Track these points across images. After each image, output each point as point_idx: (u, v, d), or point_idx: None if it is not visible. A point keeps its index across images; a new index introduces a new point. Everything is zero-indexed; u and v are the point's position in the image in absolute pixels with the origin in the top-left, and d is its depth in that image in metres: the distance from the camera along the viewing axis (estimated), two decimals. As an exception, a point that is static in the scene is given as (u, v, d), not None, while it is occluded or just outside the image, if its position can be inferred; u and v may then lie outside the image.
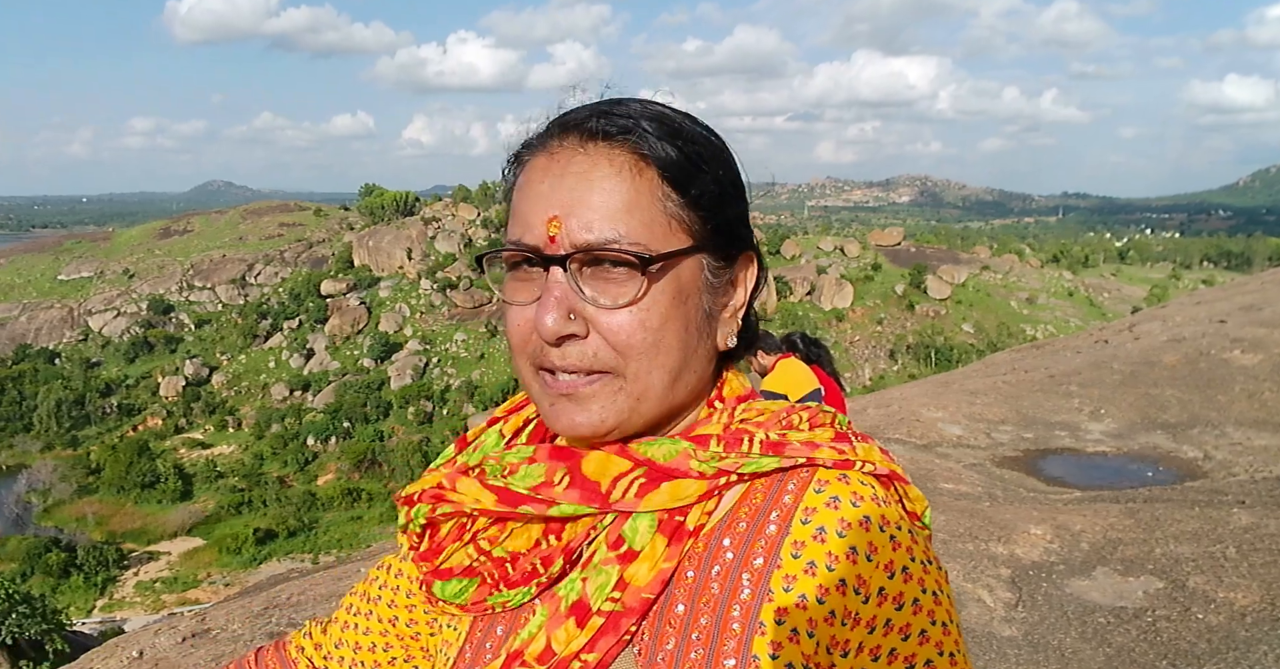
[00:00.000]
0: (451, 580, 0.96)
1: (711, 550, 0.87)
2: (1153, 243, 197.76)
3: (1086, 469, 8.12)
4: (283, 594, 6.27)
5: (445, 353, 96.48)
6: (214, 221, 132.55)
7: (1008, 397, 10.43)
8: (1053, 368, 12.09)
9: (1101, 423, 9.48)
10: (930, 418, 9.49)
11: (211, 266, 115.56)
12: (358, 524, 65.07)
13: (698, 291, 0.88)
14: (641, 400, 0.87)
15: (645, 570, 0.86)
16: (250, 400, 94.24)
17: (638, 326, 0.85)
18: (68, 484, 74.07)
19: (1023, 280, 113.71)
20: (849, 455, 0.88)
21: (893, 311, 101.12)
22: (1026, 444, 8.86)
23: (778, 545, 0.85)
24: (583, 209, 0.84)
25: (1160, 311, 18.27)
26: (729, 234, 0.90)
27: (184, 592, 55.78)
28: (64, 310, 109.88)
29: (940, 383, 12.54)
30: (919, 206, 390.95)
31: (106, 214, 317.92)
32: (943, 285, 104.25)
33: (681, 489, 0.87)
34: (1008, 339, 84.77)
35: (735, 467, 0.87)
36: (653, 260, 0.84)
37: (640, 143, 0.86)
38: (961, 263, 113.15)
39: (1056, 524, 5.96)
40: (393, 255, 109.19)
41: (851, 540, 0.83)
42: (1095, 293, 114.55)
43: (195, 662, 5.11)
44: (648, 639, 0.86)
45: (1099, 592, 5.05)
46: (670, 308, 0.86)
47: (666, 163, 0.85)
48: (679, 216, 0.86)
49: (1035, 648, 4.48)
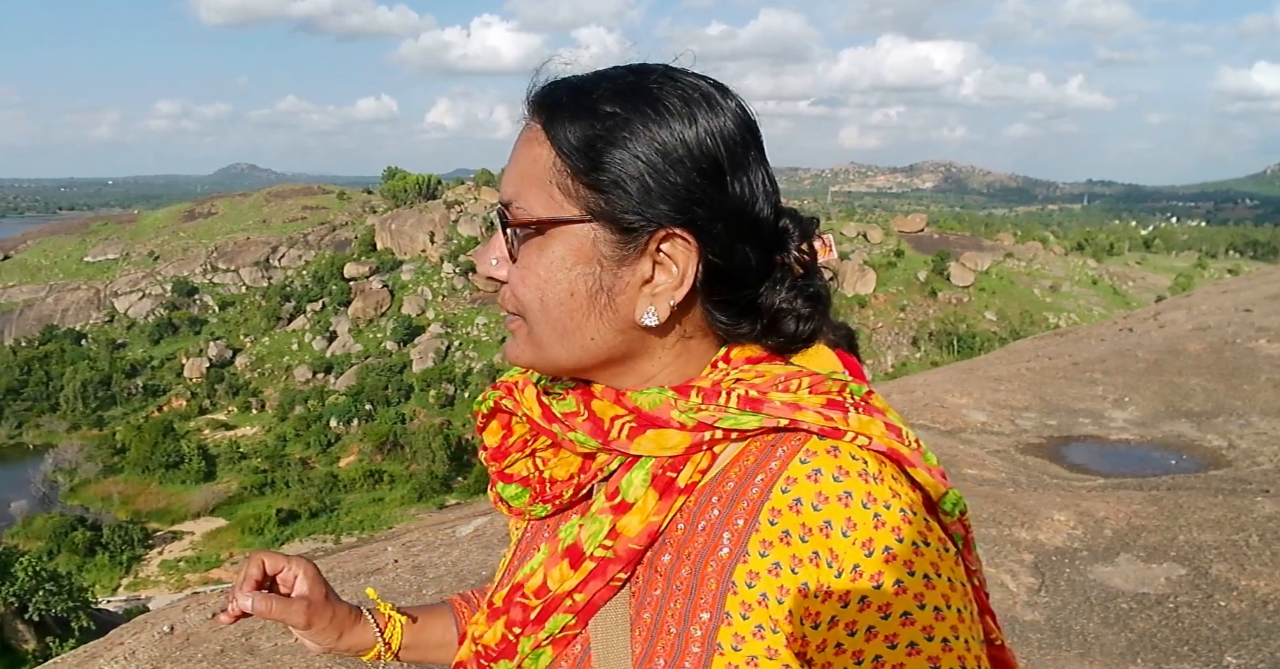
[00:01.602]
0: (512, 484, 1.06)
1: (700, 506, 0.90)
2: (1178, 231, 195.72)
3: (1110, 456, 8.11)
4: (310, 572, 6.33)
5: (467, 336, 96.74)
6: (238, 204, 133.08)
7: (1031, 384, 10.41)
8: (1077, 355, 12.05)
9: (1125, 411, 9.45)
10: (954, 404, 9.49)
11: (235, 249, 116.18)
12: (379, 506, 65.51)
13: (586, 261, 0.90)
14: (539, 348, 0.94)
15: (636, 522, 0.90)
16: (273, 382, 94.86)
17: (519, 282, 0.92)
18: (93, 464, 74.83)
19: (1046, 268, 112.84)
20: (837, 424, 0.87)
21: (915, 298, 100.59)
22: (1050, 431, 8.85)
23: (757, 510, 0.86)
24: (508, 171, 0.94)
25: (1185, 300, 18.15)
26: (625, 209, 0.90)
27: (207, 571, 56.35)
28: (90, 292, 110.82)
29: (964, 370, 12.52)
30: (943, 193, 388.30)
31: (132, 196, 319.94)
32: (966, 272, 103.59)
33: (666, 438, 0.90)
34: (1031, 327, 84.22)
35: (713, 420, 0.88)
36: (517, 223, 0.91)
37: (546, 121, 0.91)
38: (985, 250, 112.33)
39: (1080, 510, 5.97)
40: (415, 239, 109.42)
41: (827, 514, 0.83)
42: (1119, 281, 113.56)
43: (225, 636, 5.19)
44: (640, 584, 0.92)
45: (1121, 578, 5.07)
46: (550, 271, 0.90)
47: (563, 141, 0.89)
48: (568, 188, 0.89)
49: (1058, 632, 4.51)
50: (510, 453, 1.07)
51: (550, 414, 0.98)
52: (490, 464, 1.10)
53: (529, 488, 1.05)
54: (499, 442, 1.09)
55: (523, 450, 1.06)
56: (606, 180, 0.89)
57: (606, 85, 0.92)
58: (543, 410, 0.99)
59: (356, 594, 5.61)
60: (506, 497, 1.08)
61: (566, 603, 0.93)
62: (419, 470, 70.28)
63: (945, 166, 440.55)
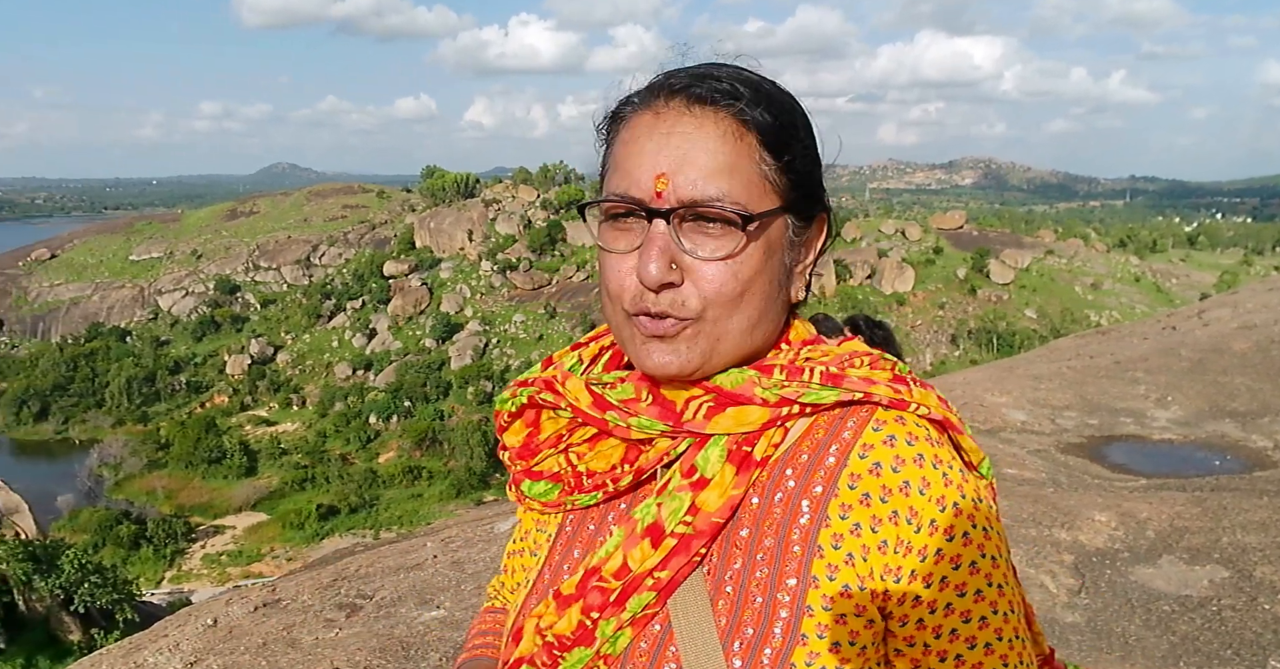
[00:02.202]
0: (541, 482, 1.08)
1: (775, 479, 0.95)
2: (1223, 228, 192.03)
3: (1152, 457, 8.01)
4: (350, 566, 6.42)
5: (504, 334, 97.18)
6: (279, 203, 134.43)
7: (1072, 383, 10.29)
8: (1119, 354, 11.90)
9: (1168, 410, 9.32)
10: (994, 403, 9.41)
11: (277, 247, 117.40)
12: (418, 502, 65.98)
13: (781, 249, 0.96)
14: (720, 341, 0.94)
15: (715, 497, 0.93)
16: (314, 379, 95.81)
17: (730, 278, 0.92)
18: (138, 459, 76.01)
19: (1088, 265, 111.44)
20: (904, 396, 0.95)
21: (954, 296, 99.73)
22: (1091, 430, 8.75)
23: (835, 476, 0.92)
24: (689, 168, 0.90)
25: (1231, 298, 17.85)
26: (811, 196, 0.98)
27: (249, 565, 57.11)
28: (135, 290, 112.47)
29: (1004, 368, 12.40)
30: (982, 189, 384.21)
31: (175, 196, 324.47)
32: (1006, 270, 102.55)
33: (746, 415, 0.94)
34: (1071, 325, 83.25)
35: (796, 395, 0.94)
36: (752, 219, 0.91)
37: (742, 109, 0.92)
38: (1025, 247, 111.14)
39: (1121, 511, 5.90)
40: (454, 237, 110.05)
41: (905, 475, 0.90)
42: (1163, 279, 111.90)
43: (267, 630, 5.25)
44: (716, 560, 0.94)
45: (1164, 580, 5.00)
46: (760, 262, 0.93)
47: (765, 129, 0.92)
48: (772, 179, 0.93)
49: (1098, 635, 4.47)
50: (540, 450, 1.08)
51: (604, 402, 0.99)
52: (515, 463, 1.11)
53: (560, 483, 1.06)
54: (524, 440, 1.10)
55: (556, 446, 1.07)
56: (799, 168, 0.95)
57: (747, 75, 0.96)
58: (594, 399, 1.00)
59: (396, 588, 5.66)
60: (533, 494, 1.09)
61: (648, 581, 0.94)
62: (457, 467, 70.73)
63: (985, 163, 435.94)
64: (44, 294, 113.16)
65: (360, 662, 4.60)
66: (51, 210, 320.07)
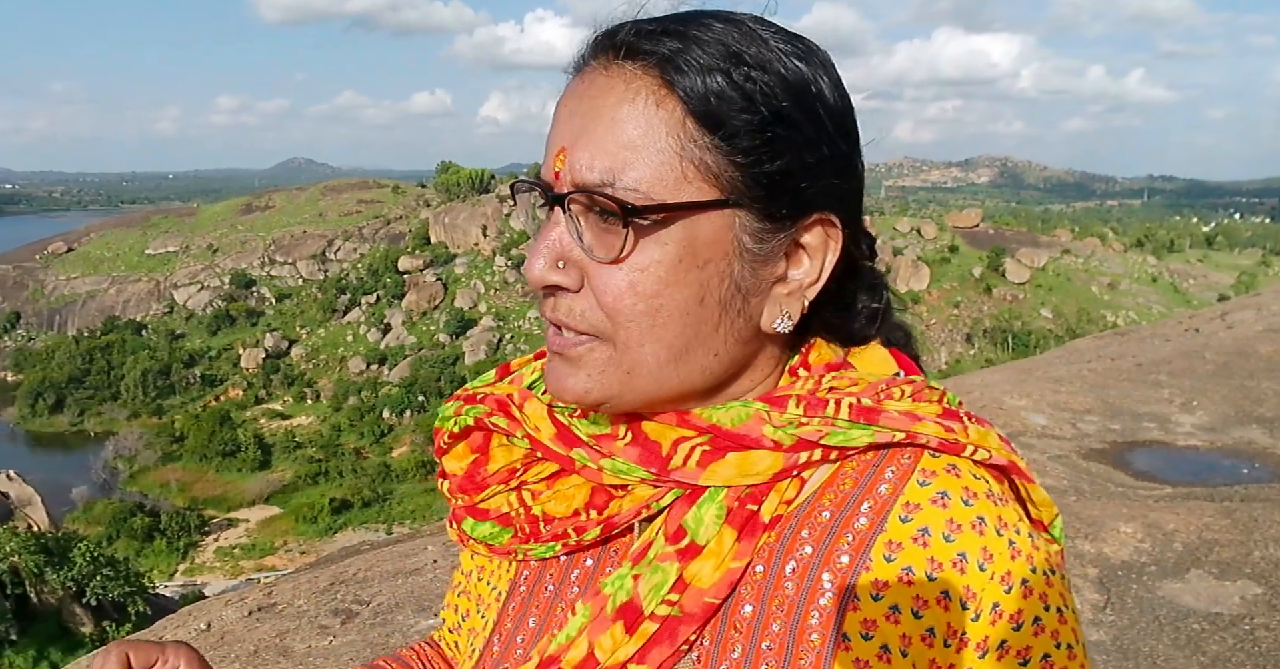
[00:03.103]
0: (486, 523, 0.88)
1: (786, 542, 0.75)
2: (1242, 228, 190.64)
3: (1177, 464, 7.78)
4: (349, 570, 6.27)
5: (518, 330, 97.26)
6: (295, 198, 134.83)
7: (1093, 385, 10.07)
8: (1140, 356, 11.67)
9: (1193, 415, 9.10)
10: (1012, 406, 9.20)
11: (292, 242, 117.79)
12: (431, 496, 66.03)
13: (724, 256, 0.73)
14: (633, 376, 0.74)
15: (710, 569, 0.74)
16: (328, 373, 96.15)
17: (626, 289, 0.72)
18: (153, 451, 76.45)
19: (1105, 265, 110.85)
20: (959, 437, 0.74)
21: (970, 295, 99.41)
22: (1114, 436, 8.53)
23: (868, 544, 0.72)
24: (587, 142, 0.71)
25: (1255, 299, 17.57)
26: (783, 188, 0.73)
27: (261, 558, 57.33)
28: (151, 283, 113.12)
29: (1022, 370, 12.17)
30: (999, 187, 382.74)
31: (191, 190, 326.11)
32: (1022, 269, 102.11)
33: (751, 463, 0.74)
34: (1088, 325, 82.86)
35: (818, 436, 0.73)
36: (637, 211, 0.69)
37: (668, 66, 0.70)
38: (1041, 246, 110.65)
39: (1147, 522, 5.69)
40: (468, 232, 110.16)
41: (961, 546, 0.70)
42: (1180, 279, 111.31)
43: (260, 636, 5.12)
44: (708, 645, 0.75)
45: (1192, 595, 4.80)
46: (673, 272, 0.71)
47: (695, 94, 0.70)
48: (701, 162, 0.70)
49: (1125, 654, 4.27)
50: (487, 484, 0.88)
51: (570, 436, 0.80)
52: (456, 496, 0.91)
53: (510, 527, 0.86)
54: (468, 469, 0.90)
55: (506, 482, 0.87)
56: (754, 150, 0.71)
57: (718, 25, 0.73)
58: (558, 431, 0.81)
59: (394, 594, 5.52)
60: (478, 535, 0.89)
61: None
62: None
63: (1001, 161, 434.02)
64: (61, 287, 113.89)
65: (353, 673, 4.45)
66: (69, 204, 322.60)
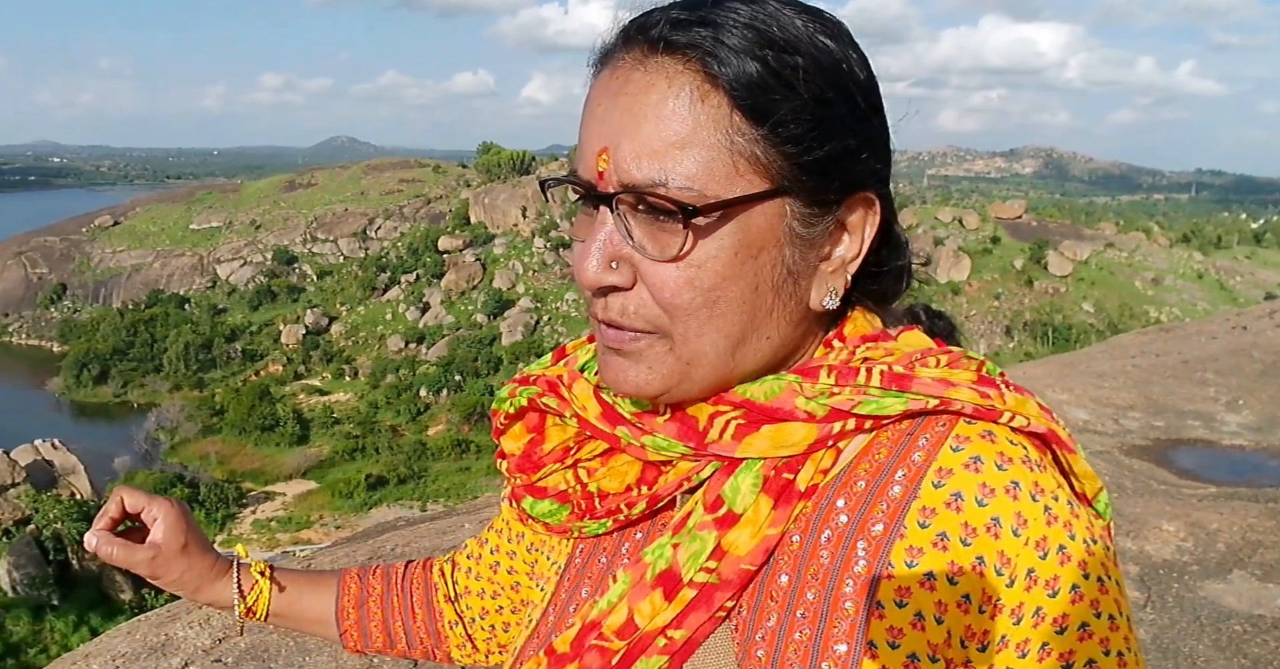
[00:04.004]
0: (545, 500, 0.89)
1: (822, 512, 0.76)
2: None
3: (1221, 463, 7.68)
4: (387, 545, 6.33)
5: (556, 312, 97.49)
6: (337, 176, 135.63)
7: (1137, 381, 9.95)
8: (1186, 353, 11.51)
9: (1239, 414, 8.97)
10: (1054, 400, 9.11)
11: (334, 220, 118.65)
12: (465, 475, 66.56)
13: (776, 244, 0.73)
14: (693, 366, 0.75)
15: (746, 537, 0.75)
16: (367, 350, 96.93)
17: (684, 285, 0.72)
18: (193, 424, 77.49)
19: (1149, 260, 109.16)
20: (994, 403, 0.74)
21: (1011, 287, 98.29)
22: (1157, 433, 8.43)
23: (902, 511, 0.72)
24: (631, 141, 0.71)
25: (1305, 298, 17.23)
26: (830, 172, 0.74)
27: (297, 531, 57.99)
28: (194, 258, 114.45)
29: (1064, 363, 12.04)
30: (1043, 179, 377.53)
31: (236, 166, 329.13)
32: (1064, 262, 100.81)
33: (785, 434, 0.75)
34: (1130, 321, 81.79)
35: (850, 404, 0.74)
36: (697, 212, 0.69)
37: (709, 59, 0.70)
38: (1085, 239, 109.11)
39: (1190, 521, 5.63)
40: (508, 213, 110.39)
41: (994, 510, 0.70)
42: (1227, 276, 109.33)
43: (301, 609, 5.18)
44: (745, 613, 0.76)
45: (1235, 597, 4.74)
46: (730, 265, 0.72)
47: (740, 85, 0.69)
48: (751, 154, 0.71)
49: (1164, 653, 4.23)
50: (544, 463, 0.90)
51: (614, 414, 0.81)
52: (514, 476, 0.93)
53: (568, 504, 0.88)
54: (526, 448, 0.92)
55: (562, 460, 0.89)
56: (802, 137, 0.72)
57: (743, 7, 0.72)
58: (603, 410, 0.82)
59: (432, 572, 5.57)
60: (537, 514, 0.90)
61: (659, 642, 0.76)
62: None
63: (1046, 152, 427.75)
64: (106, 260, 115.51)
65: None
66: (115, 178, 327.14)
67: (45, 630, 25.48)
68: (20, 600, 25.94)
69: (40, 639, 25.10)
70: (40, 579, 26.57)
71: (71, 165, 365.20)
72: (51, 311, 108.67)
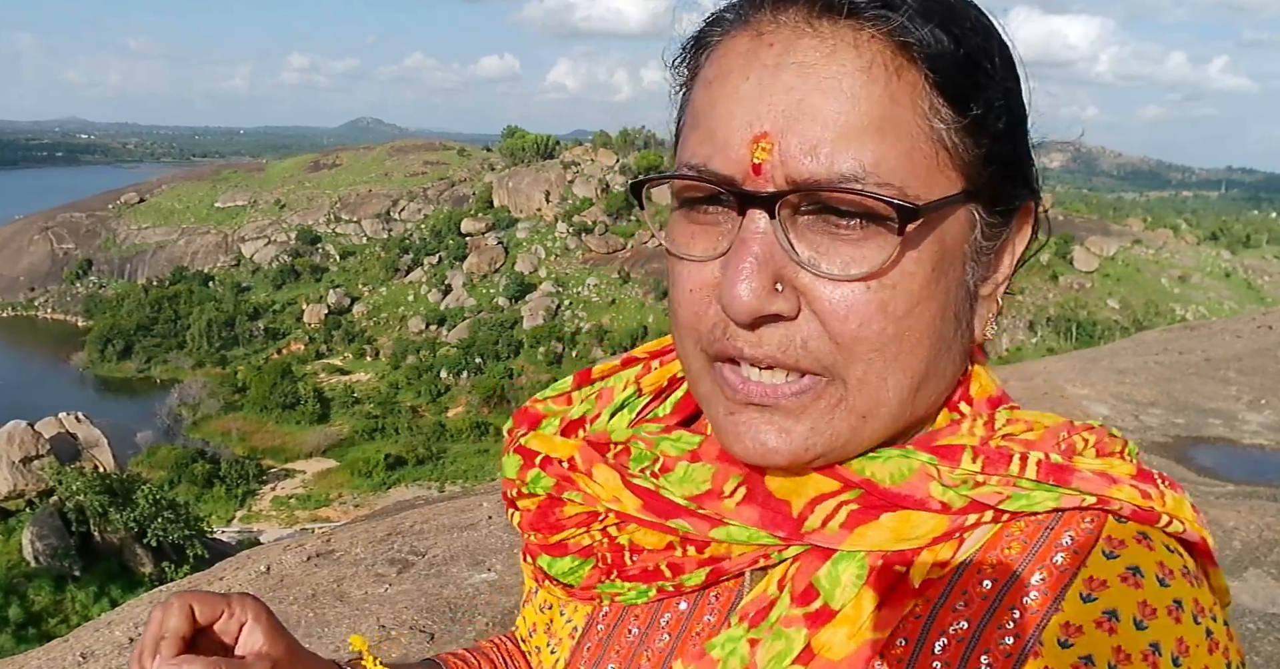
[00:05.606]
0: (566, 557, 0.77)
1: (936, 613, 0.63)
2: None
3: (1241, 462, 7.65)
4: (406, 521, 6.41)
5: (577, 296, 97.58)
6: (362, 157, 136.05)
7: (1159, 378, 9.91)
8: (1210, 351, 11.44)
9: (1261, 414, 8.92)
10: (1075, 395, 9.09)
11: (358, 201, 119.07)
12: (484, 457, 66.82)
13: (961, 261, 0.62)
14: (869, 419, 0.62)
15: (843, 638, 0.63)
16: (388, 331, 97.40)
17: (877, 311, 0.59)
18: (215, 400, 78.19)
19: (1176, 257, 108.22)
20: (1155, 505, 0.62)
21: (1035, 282, 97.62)
22: (1177, 430, 8.40)
23: (1039, 624, 0.60)
24: (808, 123, 0.57)
25: (1333, 298, 17.09)
26: (1015, 174, 0.64)
27: (316, 509, 58.43)
28: (219, 236, 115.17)
29: (1087, 359, 11.99)
30: (1070, 173, 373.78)
31: (261, 146, 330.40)
32: (1090, 257, 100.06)
33: (911, 525, 0.63)
34: (1155, 318, 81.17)
35: (997, 499, 0.62)
36: (916, 213, 0.57)
37: (904, 25, 0.57)
38: (1112, 235, 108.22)
39: (1207, 518, 5.58)
40: (531, 197, 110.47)
41: (1154, 635, 0.58)
42: (1255, 275, 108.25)
43: (318, 581, 5.26)
44: None
45: (1250, 595, 4.74)
46: (926, 286, 0.60)
47: (941, 59, 0.58)
48: (951, 146, 0.59)
49: (1176, 647, 4.23)
50: (564, 527, 0.77)
51: (663, 504, 0.68)
52: (528, 533, 0.80)
53: (592, 558, 0.75)
54: (540, 507, 0.79)
55: (587, 526, 0.76)
56: (997, 129, 0.61)
57: None
58: (645, 501, 0.69)
59: (449, 547, 5.63)
60: (556, 574, 0.78)
61: None
62: (522, 428, 71.49)
63: (1074, 146, 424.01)
64: (132, 237, 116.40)
65: (407, 620, 4.56)
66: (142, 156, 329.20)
67: (66, 600, 25.78)
68: (43, 570, 26.25)
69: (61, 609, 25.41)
70: (62, 550, 26.88)
71: (99, 142, 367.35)
72: (77, 287, 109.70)
